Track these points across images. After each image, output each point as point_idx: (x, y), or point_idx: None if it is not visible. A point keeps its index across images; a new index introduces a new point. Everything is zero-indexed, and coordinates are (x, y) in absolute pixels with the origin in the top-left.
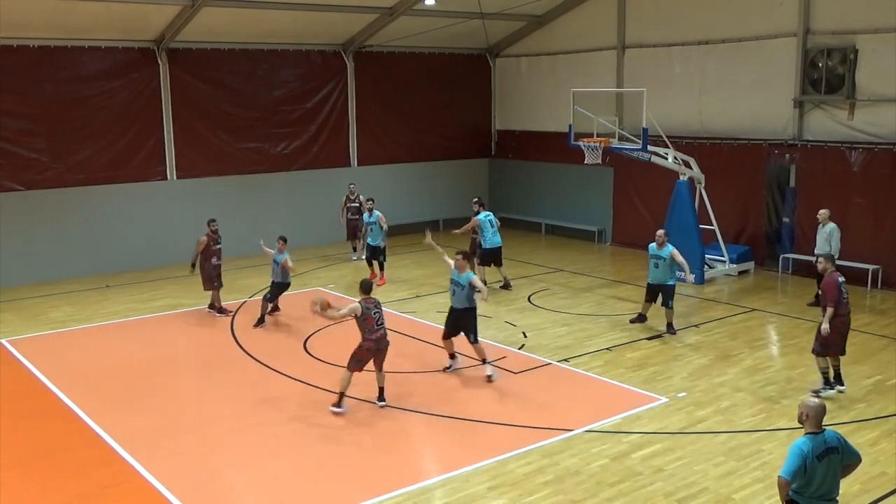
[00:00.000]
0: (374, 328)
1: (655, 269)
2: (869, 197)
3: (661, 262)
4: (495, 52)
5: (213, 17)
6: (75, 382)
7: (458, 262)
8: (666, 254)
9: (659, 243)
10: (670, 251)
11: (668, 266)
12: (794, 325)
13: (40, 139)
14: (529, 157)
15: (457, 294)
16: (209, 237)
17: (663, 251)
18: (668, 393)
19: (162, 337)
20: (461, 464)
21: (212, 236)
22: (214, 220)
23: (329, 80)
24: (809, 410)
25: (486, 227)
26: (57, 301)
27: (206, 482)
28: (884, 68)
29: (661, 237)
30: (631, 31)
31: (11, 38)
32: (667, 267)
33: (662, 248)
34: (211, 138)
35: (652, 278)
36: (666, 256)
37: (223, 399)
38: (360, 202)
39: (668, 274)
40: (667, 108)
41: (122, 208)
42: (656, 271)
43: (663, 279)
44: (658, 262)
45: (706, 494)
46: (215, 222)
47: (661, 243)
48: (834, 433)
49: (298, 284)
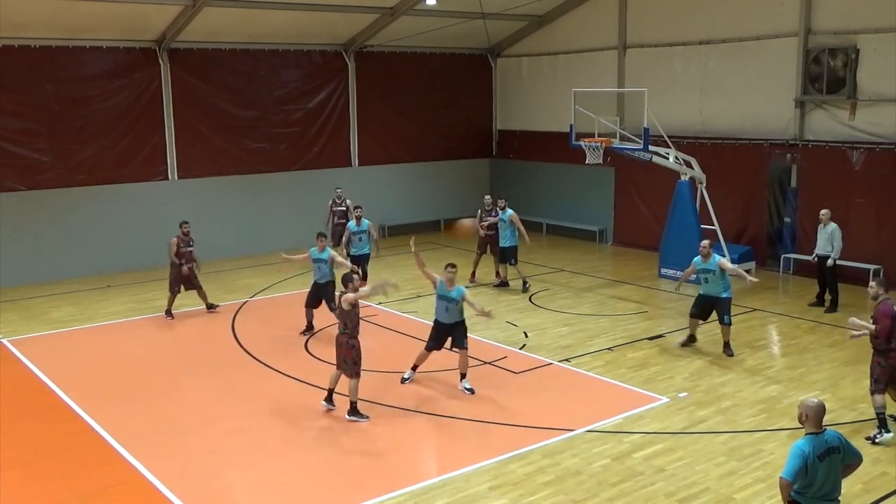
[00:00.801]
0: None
1: (706, 284)
2: (870, 197)
3: (711, 276)
4: (496, 52)
5: (214, 17)
6: (76, 382)
7: (449, 276)
8: (714, 265)
9: (703, 255)
10: (718, 262)
11: (718, 278)
12: (795, 326)
13: (42, 139)
14: (531, 157)
15: (449, 310)
16: (179, 239)
17: (710, 263)
18: (669, 393)
19: (163, 337)
20: (462, 464)
21: (182, 238)
22: (187, 222)
23: (330, 81)
24: (809, 411)
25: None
26: (58, 301)
27: (206, 482)
28: (885, 68)
29: (706, 248)
30: (632, 31)
31: (13, 38)
32: (717, 279)
33: (708, 259)
34: (212, 138)
35: (704, 291)
36: (714, 268)
37: (224, 399)
38: (348, 206)
39: (721, 286)
40: (668, 108)
41: (123, 208)
42: (707, 286)
43: (717, 292)
44: (707, 275)
45: (707, 494)
46: (187, 224)
47: (705, 255)
48: (835, 433)
49: (299, 284)
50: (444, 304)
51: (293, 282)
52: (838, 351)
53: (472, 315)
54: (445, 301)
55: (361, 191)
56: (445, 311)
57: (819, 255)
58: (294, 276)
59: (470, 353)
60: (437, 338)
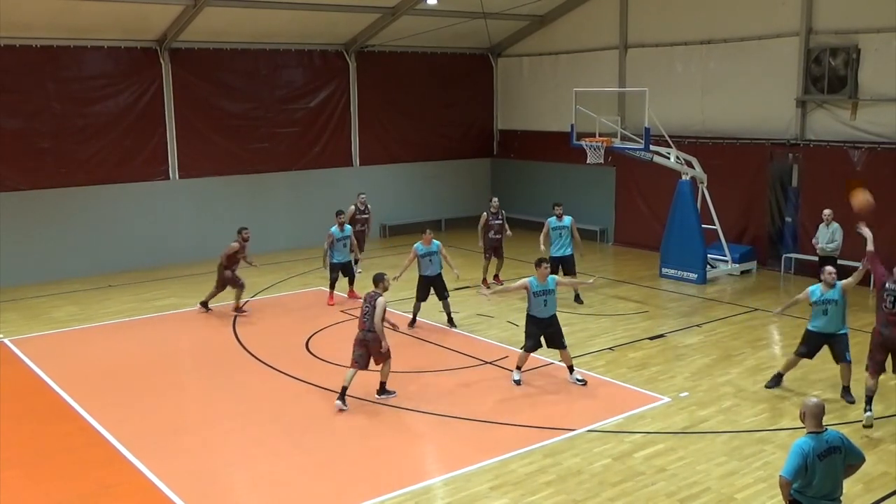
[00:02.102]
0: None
1: (824, 316)
2: (872, 196)
3: (833, 307)
4: (497, 52)
5: (215, 17)
6: (77, 382)
7: (542, 272)
8: (838, 295)
9: (827, 284)
10: (840, 287)
11: (841, 310)
12: (796, 325)
13: (43, 139)
14: (532, 157)
15: (548, 303)
16: (240, 245)
17: (833, 293)
18: (670, 393)
19: (164, 336)
20: (463, 463)
21: (242, 244)
22: (247, 228)
23: (331, 80)
24: (808, 410)
25: (555, 238)
26: (59, 300)
27: (207, 482)
28: (886, 68)
29: (830, 276)
30: (633, 31)
31: (14, 38)
32: (840, 311)
33: (830, 289)
34: (213, 138)
35: (817, 326)
36: (839, 298)
37: (225, 398)
38: (369, 212)
39: (841, 320)
40: (669, 108)
41: (124, 208)
42: (825, 318)
43: (835, 327)
44: (828, 306)
45: (708, 494)
46: (247, 230)
47: (829, 283)
48: (836, 433)
49: (300, 284)
50: (543, 299)
51: (294, 282)
52: None
53: (473, 315)
54: (545, 295)
55: (362, 190)
56: (545, 304)
57: (823, 253)
58: (294, 276)
59: (470, 352)
60: (540, 334)
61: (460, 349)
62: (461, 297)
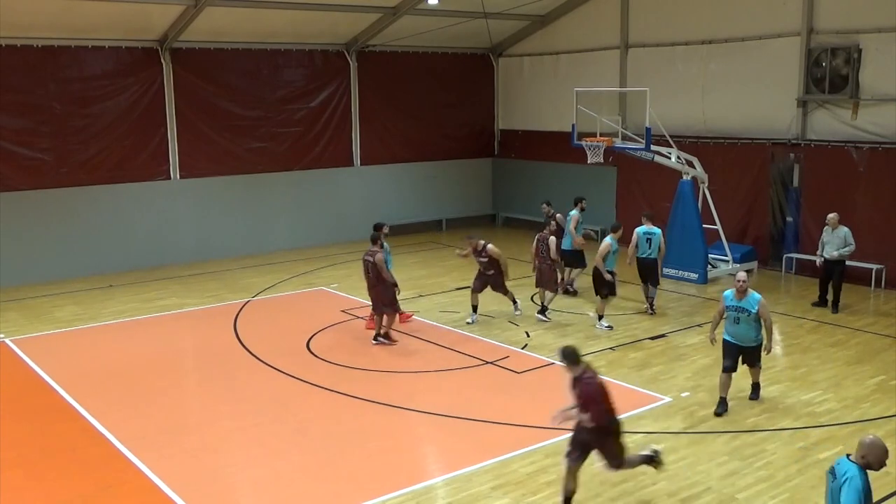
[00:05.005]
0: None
1: (735, 325)
2: (873, 196)
3: (745, 316)
4: (498, 52)
5: (216, 16)
6: (79, 382)
7: (740, 286)
8: (752, 307)
9: (739, 291)
10: (759, 303)
11: (754, 322)
12: (797, 325)
13: (44, 139)
14: (533, 157)
15: (741, 322)
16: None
17: (746, 303)
18: (671, 393)
19: (165, 336)
20: (464, 463)
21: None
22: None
23: (332, 80)
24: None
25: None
26: (61, 300)
27: (208, 482)
28: (888, 68)
29: (739, 283)
30: (634, 31)
31: (15, 38)
32: (753, 324)
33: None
34: (214, 138)
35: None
36: (752, 311)
37: (226, 398)
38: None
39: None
40: (670, 108)
41: (125, 208)
42: (736, 327)
43: (751, 340)
44: (739, 315)
45: (709, 494)
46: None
47: (741, 290)
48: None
49: (301, 284)
50: (735, 315)
51: (294, 282)
52: (840, 351)
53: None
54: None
55: (363, 191)
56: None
57: (827, 258)
58: (295, 276)
59: (470, 352)
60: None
61: (461, 349)
62: (461, 296)
